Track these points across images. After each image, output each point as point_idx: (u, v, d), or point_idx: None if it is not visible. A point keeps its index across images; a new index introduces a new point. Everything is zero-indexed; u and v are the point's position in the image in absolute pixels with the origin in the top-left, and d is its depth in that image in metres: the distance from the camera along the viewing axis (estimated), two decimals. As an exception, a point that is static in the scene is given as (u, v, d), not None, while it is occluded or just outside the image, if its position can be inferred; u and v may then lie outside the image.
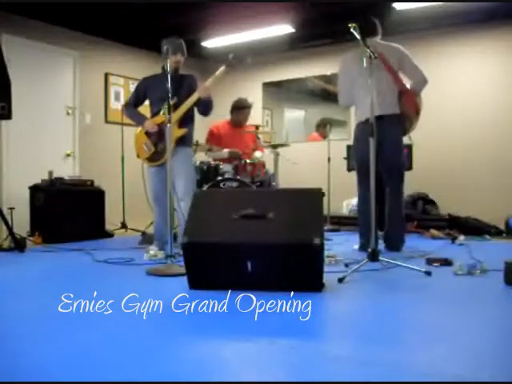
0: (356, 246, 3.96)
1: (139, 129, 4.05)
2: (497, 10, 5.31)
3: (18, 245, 3.97)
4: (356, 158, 3.95)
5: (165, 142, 3.86)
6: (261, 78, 7.18)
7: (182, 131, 3.88)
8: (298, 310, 2.07)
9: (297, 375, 1.38)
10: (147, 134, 3.98)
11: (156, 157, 3.95)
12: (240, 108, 5.06)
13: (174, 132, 3.86)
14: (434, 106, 5.94)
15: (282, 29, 5.83)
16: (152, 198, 4.04)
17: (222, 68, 3.86)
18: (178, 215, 3.86)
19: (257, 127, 5.10)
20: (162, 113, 3.86)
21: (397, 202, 3.86)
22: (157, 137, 3.93)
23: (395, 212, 3.84)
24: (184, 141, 3.91)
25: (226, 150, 4.91)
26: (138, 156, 4.09)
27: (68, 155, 5.79)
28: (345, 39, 6.11)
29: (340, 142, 6.23)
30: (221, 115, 5.35)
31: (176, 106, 3.82)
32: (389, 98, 3.75)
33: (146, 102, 4.12)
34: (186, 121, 3.93)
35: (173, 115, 3.84)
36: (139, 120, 4.02)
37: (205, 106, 3.91)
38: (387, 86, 3.74)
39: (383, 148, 3.71)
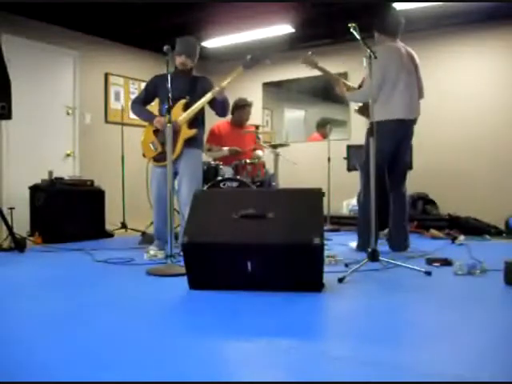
0: (353, 244, 3.94)
1: (147, 128, 4.00)
2: (497, 10, 5.31)
3: (18, 245, 3.97)
4: (383, 155, 3.61)
5: (173, 142, 3.81)
6: (261, 77, 7.19)
7: (192, 132, 3.82)
8: (298, 310, 2.07)
9: (297, 375, 1.38)
10: (155, 133, 3.93)
11: (162, 157, 3.83)
12: (241, 106, 5.06)
13: (183, 132, 3.83)
14: (434, 105, 5.93)
15: (281, 29, 5.83)
16: (154, 198, 3.98)
17: (239, 69, 3.81)
18: (181, 217, 3.84)
19: (257, 127, 5.10)
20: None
21: (405, 203, 3.87)
22: (164, 136, 3.90)
23: (403, 212, 3.83)
24: (193, 142, 3.85)
25: (225, 148, 4.92)
26: (144, 155, 4.03)
27: (68, 155, 5.79)
28: (345, 39, 6.12)
29: (340, 141, 6.24)
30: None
31: (188, 106, 3.79)
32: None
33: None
34: (197, 122, 3.88)
35: (184, 115, 3.83)
36: (148, 117, 3.95)
37: (221, 107, 3.88)
38: (417, 89, 3.79)
39: (405, 151, 3.80)
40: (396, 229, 3.81)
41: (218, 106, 3.87)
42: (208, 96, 3.78)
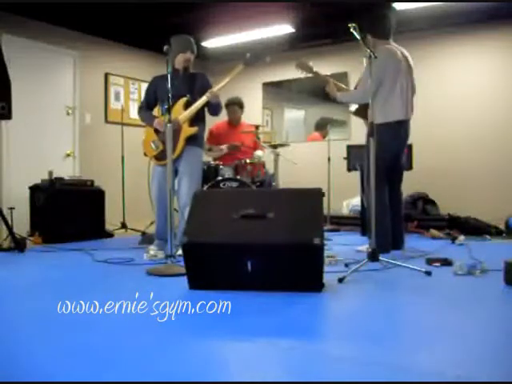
0: (362, 248, 3.87)
1: (148, 127, 3.99)
2: (497, 10, 5.31)
3: (18, 245, 3.97)
4: (387, 157, 3.62)
5: (174, 141, 3.80)
6: (261, 78, 7.19)
7: (193, 130, 3.81)
8: (298, 310, 2.07)
9: (297, 375, 1.38)
10: (156, 131, 3.92)
11: (164, 155, 3.77)
12: (226, 106, 5.15)
13: (184, 130, 3.83)
14: (434, 105, 5.94)
15: (281, 29, 5.84)
16: (154, 197, 3.95)
17: (240, 66, 3.81)
18: (180, 217, 3.83)
19: (257, 127, 5.10)
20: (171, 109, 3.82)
21: (401, 203, 3.86)
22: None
23: (399, 213, 3.83)
24: (194, 140, 3.85)
25: (224, 146, 4.94)
26: (145, 154, 4.02)
27: (68, 155, 5.79)
28: (345, 39, 6.12)
29: (340, 142, 6.23)
30: (222, 116, 5.35)
31: (189, 104, 3.79)
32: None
33: None
34: (198, 120, 3.88)
35: (185, 113, 3.83)
36: (150, 121, 3.95)
37: (214, 109, 3.92)
38: (412, 89, 3.78)
39: (402, 152, 3.79)
40: (393, 229, 3.80)
41: (211, 107, 3.91)
42: (203, 99, 3.79)
